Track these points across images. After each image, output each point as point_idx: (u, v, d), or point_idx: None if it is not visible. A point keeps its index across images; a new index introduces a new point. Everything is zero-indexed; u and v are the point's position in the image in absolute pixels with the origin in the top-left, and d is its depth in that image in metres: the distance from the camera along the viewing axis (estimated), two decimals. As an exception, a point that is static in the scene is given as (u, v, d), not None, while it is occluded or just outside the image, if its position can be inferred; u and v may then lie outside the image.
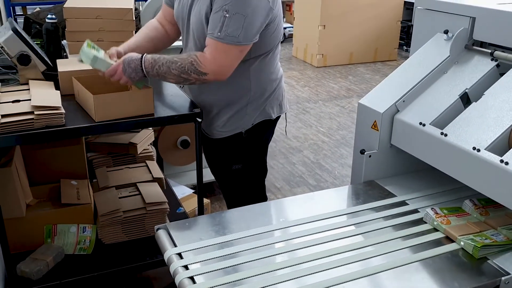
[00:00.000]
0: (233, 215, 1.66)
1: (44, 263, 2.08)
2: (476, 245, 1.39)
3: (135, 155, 2.70)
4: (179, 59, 1.75)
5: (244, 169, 2.05)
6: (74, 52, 2.44)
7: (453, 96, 1.66)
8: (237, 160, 2.03)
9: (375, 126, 1.78)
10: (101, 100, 1.83)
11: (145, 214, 2.32)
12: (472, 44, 1.78)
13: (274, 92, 1.97)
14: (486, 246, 1.41)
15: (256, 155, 2.07)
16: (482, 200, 1.62)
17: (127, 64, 1.78)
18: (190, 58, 1.73)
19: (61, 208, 2.24)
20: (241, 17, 1.64)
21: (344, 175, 3.71)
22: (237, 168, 2.04)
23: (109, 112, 1.84)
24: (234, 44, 1.68)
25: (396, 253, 1.42)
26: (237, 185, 2.12)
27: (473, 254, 1.40)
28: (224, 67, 1.74)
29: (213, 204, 3.47)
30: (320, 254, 1.40)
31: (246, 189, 2.11)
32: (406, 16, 7.31)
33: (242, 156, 2.02)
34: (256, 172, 2.12)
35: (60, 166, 2.42)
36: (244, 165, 2.04)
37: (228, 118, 1.95)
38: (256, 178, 2.14)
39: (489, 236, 1.46)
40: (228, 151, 2.03)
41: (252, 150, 2.03)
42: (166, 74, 1.77)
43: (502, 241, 1.44)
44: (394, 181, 1.82)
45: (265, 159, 2.14)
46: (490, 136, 1.46)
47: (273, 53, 1.91)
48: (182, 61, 1.74)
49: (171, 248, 1.45)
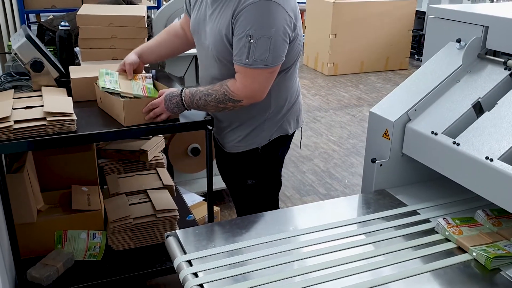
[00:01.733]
0: (243, 223, 1.66)
1: (54, 269, 2.09)
2: (488, 256, 1.38)
3: (146, 162, 2.71)
4: (213, 91, 1.76)
5: (259, 184, 2.02)
6: (87, 59, 2.47)
7: (465, 105, 1.65)
8: (251, 175, 2.01)
9: (386, 135, 1.77)
10: (130, 104, 1.85)
11: (155, 221, 2.33)
12: (485, 53, 1.77)
13: (292, 108, 1.96)
14: (499, 257, 1.39)
15: (271, 170, 2.05)
16: (495, 210, 1.60)
17: (169, 100, 1.83)
18: (223, 89, 1.74)
19: (71, 214, 2.25)
20: (267, 40, 1.63)
21: (354, 184, 3.69)
22: (251, 183, 2.02)
23: (138, 117, 1.86)
24: (264, 68, 1.67)
25: (407, 263, 1.41)
26: (251, 199, 2.09)
27: (485, 265, 1.38)
28: (257, 92, 1.74)
29: (222, 211, 3.47)
30: (331, 263, 1.39)
31: (259, 203, 2.08)
32: (418, 25, 7.30)
33: (257, 171, 2.00)
34: (271, 186, 2.10)
35: (71, 172, 2.44)
36: (258, 180, 2.02)
37: (246, 134, 1.93)
38: (270, 192, 2.12)
39: (502, 247, 1.44)
40: (243, 166, 2.01)
41: (267, 165, 2.01)
42: (205, 106, 1.80)
43: (515, 253, 1.42)
44: (405, 190, 1.80)
45: (280, 173, 2.11)
46: (503, 146, 1.45)
47: (294, 68, 1.88)
48: (216, 92, 1.75)
49: (180, 255, 1.44)
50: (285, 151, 2.06)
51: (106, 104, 1.98)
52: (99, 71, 1.97)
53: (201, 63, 1.98)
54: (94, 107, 2.05)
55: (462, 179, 1.55)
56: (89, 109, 2.04)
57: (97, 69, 2.00)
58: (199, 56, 1.97)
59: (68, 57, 2.42)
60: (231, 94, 1.72)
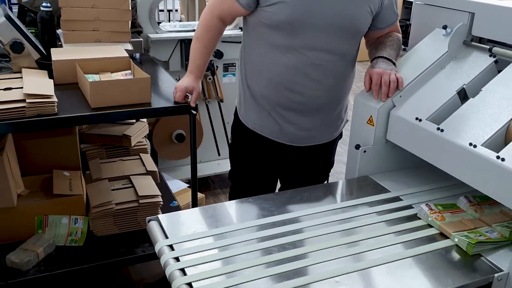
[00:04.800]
0: (226, 208, 1.64)
1: (34, 254, 2.06)
2: (470, 242, 1.38)
3: (129, 148, 2.68)
4: (395, 43, 1.90)
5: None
6: (69, 41, 2.42)
7: (450, 92, 1.64)
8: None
9: (370, 121, 1.76)
10: (98, 86, 1.82)
11: (138, 207, 2.31)
12: (470, 40, 1.76)
13: None
14: (480, 243, 1.39)
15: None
16: (477, 197, 1.60)
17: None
18: (398, 38, 1.94)
19: (52, 199, 2.22)
20: None
21: (338, 172, 3.68)
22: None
23: (105, 99, 1.83)
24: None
25: (389, 248, 1.40)
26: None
27: (467, 250, 1.38)
28: None
29: (208, 198, 3.46)
30: (312, 248, 1.39)
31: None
32: (405, 15, 7.29)
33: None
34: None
35: (53, 156, 2.40)
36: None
37: (345, 117, 2.10)
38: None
39: (484, 233, 1.45)
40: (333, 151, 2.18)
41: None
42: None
43: (496, 238, 1.42)
44: (388, 176, 1.80)
45: None
46: (487, 132, 1.45)
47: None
48: (398, 41, 1.92)
49: (162, 239, 1.42)
50: None
51: (81, 86, 1.97)
52: None
53: (315, 59, 1.83)
54: (76, 90, 2.02)
55: (445, 166, 1.55)
56: (70, 92, 2.01)
57: (80, 52, 1.97)
58: (299, 45, 1.81)
59: (50, 39, 2.37)
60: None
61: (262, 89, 1.92)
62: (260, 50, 1.87)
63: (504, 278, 1.32)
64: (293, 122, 1.93)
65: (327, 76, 1.86)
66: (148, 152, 2.82)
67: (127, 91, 1.89)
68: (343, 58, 1.86)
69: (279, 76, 1.84)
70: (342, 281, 1.26)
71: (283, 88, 1.86)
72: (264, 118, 1.95)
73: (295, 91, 1.86)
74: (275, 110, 1.92)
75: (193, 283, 1.24)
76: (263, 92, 1.92)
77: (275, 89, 1.88)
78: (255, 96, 1.94)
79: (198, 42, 1.93)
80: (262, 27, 1.81)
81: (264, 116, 1.95)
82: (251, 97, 1.96)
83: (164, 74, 2.50)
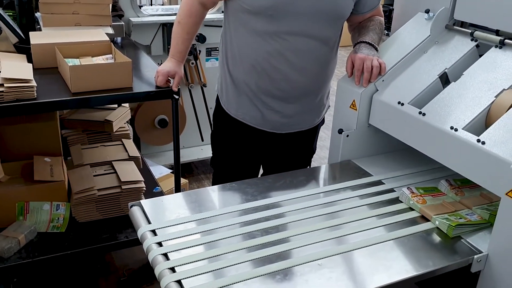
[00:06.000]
0: (209, 193, 1.64)
1: (16, 241, 2.04)
2: (450, 224, 1.40)
3: (111, 133, 2.66)
4: (378, 27, 1.89)
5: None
6: (48, 25, 2.37)
7: (432, 76, 1.65)
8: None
9: (353, 106, 1.77)
10: (78, 70, 1.79)
11: (120, 193, 2.29)
12: (453, 24, 1.77)
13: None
14: (461, 225, 1.41)
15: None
16: (458, 180, 1.62)
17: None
18: (381, 23, 1.93)
19: (33, 185, 2.19)
20: None
21: (322, 157, 3.71)
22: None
23: (86, 83, 1.80)
24: None
25: (371, 231, 1.41)
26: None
27: (447, 233, 1.40)
28: None
29: (191, 184, 3.45)
30: (295, 231, 1.39)
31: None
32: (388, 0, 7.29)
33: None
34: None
35: (34, 142, 2.37)
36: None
37: (327, 102, 2.08)
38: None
39: (464, 216, 1.47)
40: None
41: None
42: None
43: (476, 221, 1.45)
44: (371, 161, 1.81)
45: None
46: (468, 116, 1.46)
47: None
48: (381, 26, 1.91)
49: (145, 225, 1.42)
50: None
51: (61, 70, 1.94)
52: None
53: (298, 45, 1.81)
54: (56, 74, 1.99)
55: (427, 149, 1.56)
56: (50, 76, 1.97)
57: (59, 35, 1.94)
58: (290, 37, 1.79)
59: (28, 22, 2.33)
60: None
61: (243, 75, 1.89)
62: (241, 36, 1.84)
63: (483, 259, 1.34)
64: (276, 109, 1.92)
65: (310, 62, 1.85)
66: (131, 137, 2.80)
67: (108, 76, 1.86)
68: (325, 44, 1.84)
69: (261, 63, 1.82)
70: (325, 264, 1.27)
71: (265, 74, 1.85)
72: (246, 105, 1.94)
73: (277, 77, 1.84)
74: (257, 97, 1.90)
75: (176, 268, 1.23)
76: (244, 79, 1.90)
77: (257, 76, 1.86)
78: (236, 82, 1.92)
79: (180, 27, 1.90)
80: (243, 12, 1.79)
81: (246, 103, 1.94)
82: (232, 84, 1.94)
83: (146, 58, 2.47)
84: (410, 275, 1.26)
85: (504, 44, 1.58)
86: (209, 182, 3.54)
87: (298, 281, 1.22)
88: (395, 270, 1.28)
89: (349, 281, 1.24)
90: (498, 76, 1.52)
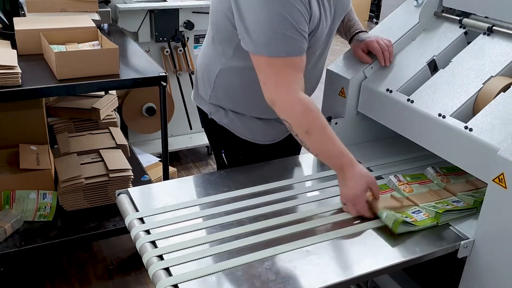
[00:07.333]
0: (196, 181, 1.63)
1: (2, 230, 2.02)
2: (438, 212, 1.40)
3: (98, 121, 2.63)
4: (355, 15, 1.85)
5: None
6: (33, 10, 2.33)
7: (420, 63, 1.65)
8: None
9: (342, 93, 1.76)
10: (64, 57, 1.76)
11: (108, 181, 2.28)
12: (441, 11, 1.76)
13: None
14: (448, 211, 1.42)
15: None
16: (444, 168, 1.63)
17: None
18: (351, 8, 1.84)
19: (19, 173, 2.17)
20: None
21: (311, 145, 3.71)
22: None
23: (72, 70, 1.78)
24: None
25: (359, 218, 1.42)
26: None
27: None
28: None
29: (179, 172, 3.44)
30: (284, 219, 1.39)
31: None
32: (377, -12, 7.29)
33: None
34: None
35: (19, 130, 2.34)
36: None
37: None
38: None
39: (451, 203, 1.47)
40: None
41: None
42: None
43: (462, 206, 1.45)
44: (359, 148, 1.81)
45: None
46: (456, 103, 1.46)
47: None
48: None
49: (132, 212, 1.41)
50: None
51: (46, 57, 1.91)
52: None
53: (314, 68, 1.71)
54: (41, 61, 1.96)
55: (415, 136, 1.56)
56: (35, 63, 1.94)
57: (44, 21, 1.91)
58: (313, 63, 1.67)
59: (12, 7, 2.28)
60: None
61: (237, 106, 1.71)
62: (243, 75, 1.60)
63: (470, 245, 1.35)
64: (276, 119, 1.67)
65: (318, 78, 1.79)
66: (118, 125, 2.77)
67: (94, 62, 1.84)
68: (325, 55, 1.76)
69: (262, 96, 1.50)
70: (313, 251, 1.27)
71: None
72: (248, 123, 1.74)
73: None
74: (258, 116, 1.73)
75: (164, 255, 1.23)
76: (240, 109, 1.71)
77: (256, 104, 1.64)
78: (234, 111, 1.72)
79: (322, 131, 1.45)
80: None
81: (248, 121, 1.74)
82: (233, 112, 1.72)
83: (133, 45, 2.44)
84: (397, 261, 1.27)
85: (492, 31, 1.58)
86: (197, 171, 3.53)
87: (286, 268, 1.22)
88: (382, 257, 1.28)
89: (337, 267, 1.25)
90: (486, 63, 1.52)
